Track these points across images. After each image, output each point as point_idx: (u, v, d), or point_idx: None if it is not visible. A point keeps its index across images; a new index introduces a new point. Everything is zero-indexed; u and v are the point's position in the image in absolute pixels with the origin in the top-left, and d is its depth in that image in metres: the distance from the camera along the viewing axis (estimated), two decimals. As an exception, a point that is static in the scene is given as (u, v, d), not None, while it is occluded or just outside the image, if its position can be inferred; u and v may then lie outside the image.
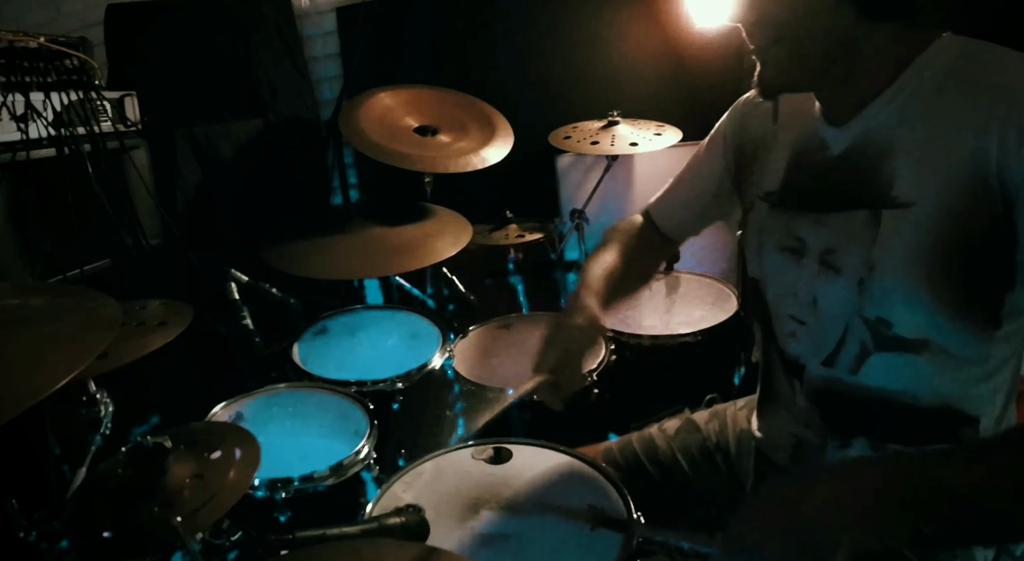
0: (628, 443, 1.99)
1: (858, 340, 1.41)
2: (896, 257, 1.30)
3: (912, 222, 1.27)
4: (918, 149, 1.28)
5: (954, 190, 1.23)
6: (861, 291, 1.36)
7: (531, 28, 3.50)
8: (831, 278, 1.42)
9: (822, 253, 1.44)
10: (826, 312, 1.45)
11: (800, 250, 1.49)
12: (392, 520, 1.46)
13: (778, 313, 1.59)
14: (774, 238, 1.55)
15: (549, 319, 2.65)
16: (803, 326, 1.52)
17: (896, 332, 1.35)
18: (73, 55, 2.44)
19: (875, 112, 1.34)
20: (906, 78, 1.30)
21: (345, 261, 2.48)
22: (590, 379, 2.25)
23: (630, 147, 2.85)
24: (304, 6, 3.62)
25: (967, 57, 1.27)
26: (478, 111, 3.11)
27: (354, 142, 2.73)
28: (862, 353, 1.41)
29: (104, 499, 1.45)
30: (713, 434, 1.93)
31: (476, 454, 1.81)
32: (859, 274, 1.36)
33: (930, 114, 1.27)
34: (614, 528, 1.51)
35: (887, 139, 1.32)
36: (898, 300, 1.32)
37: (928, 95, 1.28)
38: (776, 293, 1.58)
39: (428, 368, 2.36)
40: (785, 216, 1.53)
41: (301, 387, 2.25)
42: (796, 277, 1.50)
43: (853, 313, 1.40)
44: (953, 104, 1.24)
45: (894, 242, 1.30)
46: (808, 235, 1.47)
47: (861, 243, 1.35)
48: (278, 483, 1.81)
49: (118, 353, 1.73)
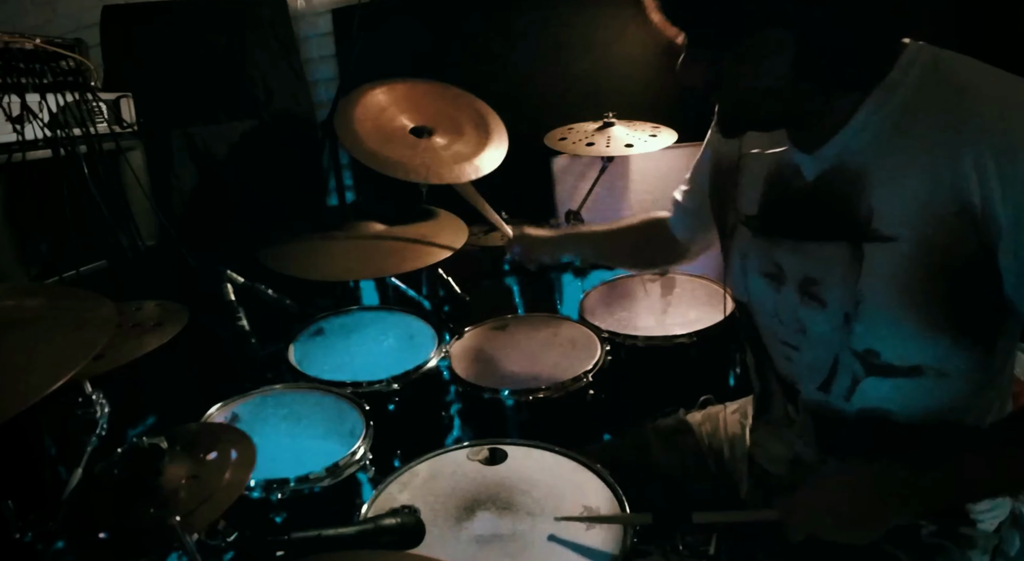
0: (623, 444, 2.00)
1: (849, 371, 1.41)
2: (882, 291, 1.29)
3: (896, 256, 1.26)
4: (894, 177, 1.26)
5: (936, 221, 1.21)
6: (847, 325, 1.37)
7: (526, 30, 3.51)
8: (816, 309, 1.42)
9: (802, 282, 1.43)
10: (815, 341, 1.46)
11: (779, 276, 1.49)
12: (388, 521, 1.46)
13: (770, 337, 1.59)
14: (756, 263, 1.55)
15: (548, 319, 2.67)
16: (796, 351, 1.52)
17: (886, 361, 1.35)
18: (69, 56, 2.44)
19: (847, 138, 1.32)
20: (872, 105, 1.28)
21: (341, 262, 2.48)
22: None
23: (625, 148, 2.86)
24: (300, 7, 3.62)
25: (936, 73, 1.24)
26: (474, 110, 3.10)
27: (350, 148, 2.73)
28: (854, 381, 1.42)
29: (100, 500, 1.45)
30: (706, 436, 1.93)
31: (471, 455, 1.82)
32: (845, 308, 1.36)
33: (902, 136, 1.25)
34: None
35: (861, 164, 1.30)
36: (886, 333, 1.33)
37: (899, 115, 1.25)
38: (764, 317, 1.58)
39: (424, 369, 2.36)
40: (765, 241, 1.52)
41: (297, 388, 2.25)
42: (778, 303, 1.50)
43: (842, 345, 1.40)
44: (925, 125, 1.22)
45: (879, 276, 1.29)
46: (785, 262, 1.47)
47: (845, 277, 1.35)
48: (274, 484, 1.81)
49: (114, 354, 1.73)
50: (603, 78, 3.47)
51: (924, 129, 1.22)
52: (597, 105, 3.07)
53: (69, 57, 2.45)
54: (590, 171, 3.31)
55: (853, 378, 1.41)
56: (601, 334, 2.48)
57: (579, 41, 3.46)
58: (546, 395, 2.21)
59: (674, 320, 2.61)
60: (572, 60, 3.49)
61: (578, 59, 3.48)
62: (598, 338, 2.47)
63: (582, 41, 3.46)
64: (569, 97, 3.48)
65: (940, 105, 1.21)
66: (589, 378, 2.27)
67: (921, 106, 1.23)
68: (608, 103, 3.09)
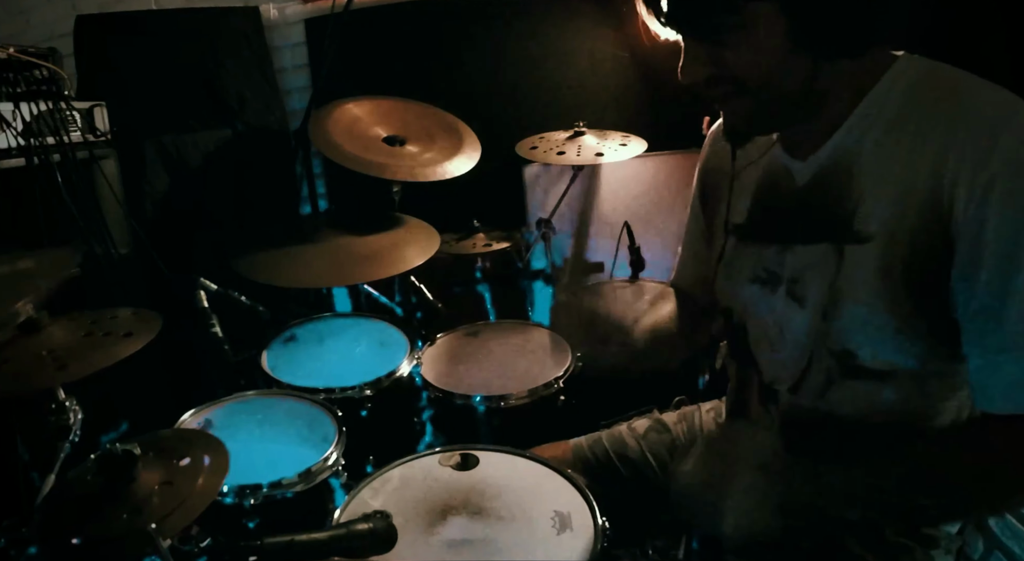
0: (598, 440, 2.02)
1: (824, 369, 1.42)
2: (858, 288, 1.31)
3: (874, 254, 1.28)
4: (878, 180, 1.28)
5: (913, 220, 1.23)
6: (825, 322, 1.38)
7: (497, 40, 3.53)
8: (795, 309, 1.44)
9: (788, 283, 1.45)
10: (792, 341, 1.47)
11: (770, 281, 1.50)
12: (360, 526, 1.46)
13: (754, 340, 1.60)
14: (744, 270, 1.56)
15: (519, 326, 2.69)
16: (775, 352, 1.53)
17: (861, 363, 1.36)
18: (42, 66, 2.44)
19: (838, 143, 1.34)
20: (866, 107, 1.30)
21: (314, 269, 2.49)
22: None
23: (596, 157, 2.88)
24: (273, 17, 3.62)
25: (922, 84, 1.26)
26: (445, 122, 3.14)
27: (325, 150, 2.75)
28: (827, 381, 1.43)
29: (73, 506, 1.45)
30: (682, 435, 1.95)
31: (443, 460, 1.83)
32: (822, 305, 1.37)
33: (890, 143, 1.27)
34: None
35: (849, 169, 1.32)
36: (861, 330, 1.33)
37: (888, 124, 1.27)
38: (753, 323, 1.59)
39: (396, 375, 2.38)
40: (754, 247, 1.54)
41: (270, 394, 2.26)
42: (768, 307, 1.51)
43: (817, 345, 1.41)
44: (912, 133, 1.24)
45: (857, 273, 1.31)
46: (776, 266, 1.48)
47: (824, 275, 1.36)
48: (247, 489, 1.81)
49: (87, 361, 1.73)
50: (574, 88, 3.49)
51: (916, 126, 1.24)
52: (568, 114, 3.08)
53: (43, 66, 2.45)
54: (561, 179, 3.33)
55: (828, 378, 1.42)
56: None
57: (550, 52, 3.49)
58: (517, 401, 2.24)
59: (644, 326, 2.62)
60: (543, 70, 3.51)
61: (549, 69, 3.50)
62: (569, 345, 2.49)
63: (553, 52, 3.48)
64: (540, 107, 3.51)
65: (935, 105, 1.23)
66: (560, 384, 2.30)
67: (916, 105, 1.25)
68: (578, 112, 3.10)
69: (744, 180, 1.57)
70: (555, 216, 3.20)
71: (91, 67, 3.12)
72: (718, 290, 1.68)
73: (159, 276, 2.81)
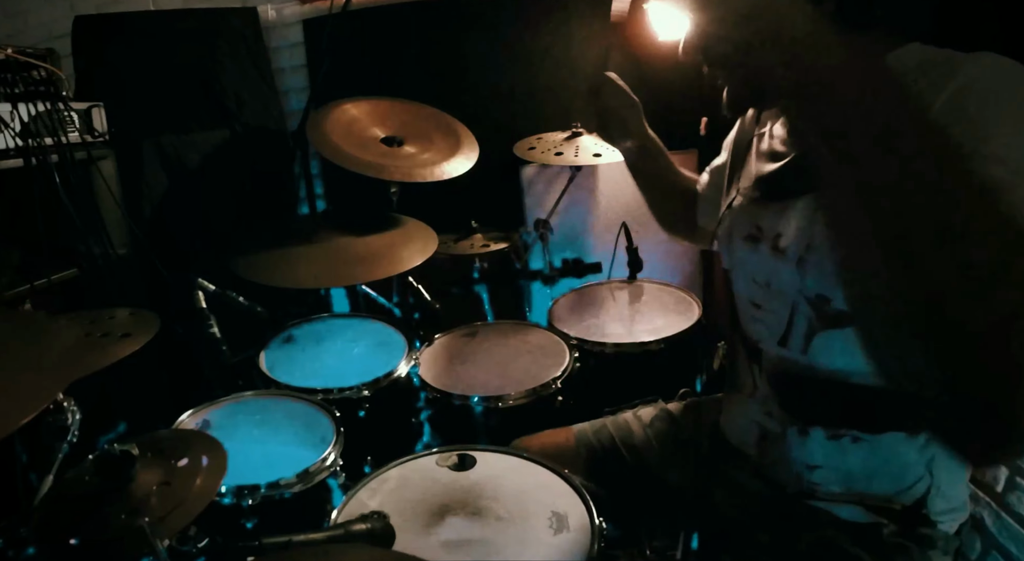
0: (603, 426, 2.02)
1: (805, 319, 1.45)
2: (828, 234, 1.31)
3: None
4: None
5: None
6: (801, 269, 1.41)
7: (495, 41, 3.53)
8: (778, 259, 1.47)
9: (773, 238, 1.48)
10: (776, 293, 1.50)
11: (757, 237, 1.53)
12: (358, 526, 1.47)
13: (741, 299, 1.64)
14: (741, 229, 1.60)
15: (517, 327, 2.69)
16: (759, 309, 1.56)
17: (836, 307, 1.38)
18: (40, 66, 2.45)
19: None
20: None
21: (311, 270, 2.49)
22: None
23: (594, 158, 2.89)
24: (271, 18, 3.62)
25: (939, 53, 1.27)
26: (442, 123, 3.14)
27: (323, 150, 2.75)
28: (810, 331, 1.45)
29: (71, 506, 1.45)
30: (687, 427, 1.95)
31: (441, 461, 1.84)
32: (799, 253, 1.41)
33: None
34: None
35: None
36: (832, 272, 1.35)
37: (899, 74, 1.26)
38: (741, 281, 1.63)
39: (394, 376, 2.38)
40: (752, 207, 1.58)
41: (268, 395, 2.26)
42: (756, 263, 1.55)
43: (797, 292, 1.44)
44: (915, 78, 1.22)
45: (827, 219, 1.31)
46: (765, 223, 1.52)
47: (800, 225, 1.40)
48: (245, 490, 1.82)
49: (86, 361, 1.74)
50: (571, 88, 3.49)
51: (913, 80, 1.22)
52: (565, 115, 3.09)
53: (41, 67, 2.45)
54: (558, 180, 3.33)
55: (809, 328, 1.44)
56: (570, 341, 2.51)
57: (547, 52, 3.48)
58: (515, 402, 2.24)
59: (642, 327, 2.63)
60: (540, 71, 3.51)
61: (546, 70, 3.50)
62: (567, 345, 2.49)
63: (550, 52, 3.48)
64: (537, 108, 3.51)
65: (937, 70, 1.22)
66: (558, 385, 2.30)
67: (919, 69, 1.24)
68: (576, 113, 3.11)
69: (761, 147, 1.62)
70: (553, 216, 3.20)
71: (89, 68, 3.13)
72: (722, 253, 1.72)
73: (157, 277, 2.81)
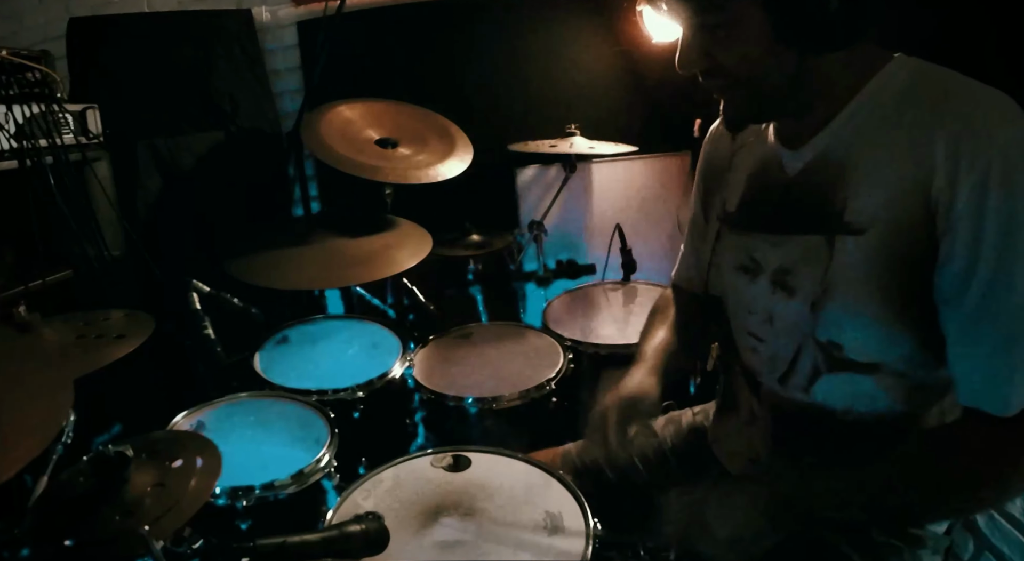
0: (588, 446, 2.02)
1: (811, 361, 1.43)
2: (849, 280, 1.31)
3: (865, 247, 1.29)
4: (870, 173, 1.29)
5: (903, 212, 1.24)
6: (814, 313, 1.38)
7: (491, 44, 3.54)
8: (785, 299, 1.44)
9: (775, 273, 1.46)
10: (781, 331, 1.47)
11: (754, 270, 1.51)
12: (352, 528, 1.47)
13: (738, 329, 1.61)
14: (730, 258, 1.58)
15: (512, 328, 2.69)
16: (761, 342, 1.54)
17: (847, 356, 1.37)
18: (35, 68, 2.44)
19: (829, 135, 1.36)
20: (859, 102, 1.32)
21: (306, 271, 2.50)
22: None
23: (588, 150, 2.89)
24: (265, 20, 3.62)
25: (919, 81, 1.28)
26: (437, 125, 3.15)
27: (317, 152, 2.75)
28: (814, 373, 1.43)
29: (65, 508, 1.44)
30: (669, 438, 1.95)
31: (435, 462, 1.84)
32: (812, 296, 1.38)
33: (882, 137, 1.28)
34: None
35: (840, 161, 1.33)
36: (849, 323, 1.34)
37: (881, 119, 1.29)
38: (735, 310, 1.60)
39: (388, 377, 2.39)
40: (742, 236, 1.55)
41: (262, 396, 2.27)
42: (752, 296, 1.52)
43: (806, 335, 1.42)
44: (905, 128, 1.25)
45: (847, 266, 1.31)
46: (762, 256, 1.49)
47: (815, 266, 1.37)
48: (239, 491, 1.82)
49: (80, 363, 1.74)
50: (566, 91, 3.51)
51: (910, 121, 1.25)
52: (559, 118, 3.10)
53: (35, 68, 2.45)
54: (553, 182, 3.34)
55: (814, 370, 1.43)
56: (564, 342, 2.52)
57: (542, 56, 3.50)
58: (509, 403, 2.24)
59: (636, 328, 2.59)
60: (535, 74, 3.52)
61: (541, 73, 3.52)
62: (561, 346, 2.50)
63: (545, 56, 3.50)
64: (531, 110, 3.52)
65: (927, 102, 1.24)
66: (552, 386, 2.31)
67: (909, 102, 1.26)
68: (570, 116, 3.12)
69: (739, 168, 1.60)
70: (547, 218, 3.21)
71: (84, 69, 3.12)
72: (709, 279, 1.69)
73: (151, 278, 2.81)
